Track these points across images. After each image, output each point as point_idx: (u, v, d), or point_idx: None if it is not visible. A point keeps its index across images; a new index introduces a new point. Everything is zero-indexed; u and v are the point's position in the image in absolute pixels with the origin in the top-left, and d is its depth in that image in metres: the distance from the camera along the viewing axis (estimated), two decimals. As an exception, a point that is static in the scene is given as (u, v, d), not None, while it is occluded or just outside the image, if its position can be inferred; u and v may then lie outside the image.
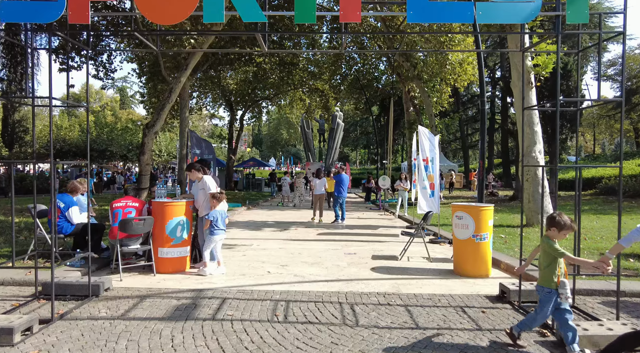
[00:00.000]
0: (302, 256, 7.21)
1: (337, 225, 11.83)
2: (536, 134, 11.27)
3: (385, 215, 15.32)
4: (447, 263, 6.77)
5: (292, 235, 9.71)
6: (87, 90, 4.94)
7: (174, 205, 5.80)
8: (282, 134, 78.20)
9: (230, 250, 7.71)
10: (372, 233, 10.21)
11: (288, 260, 6.82)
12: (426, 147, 8.72)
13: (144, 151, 15.44)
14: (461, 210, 5.88)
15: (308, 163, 36.08)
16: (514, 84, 11.70)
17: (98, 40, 20.55)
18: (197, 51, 16.79)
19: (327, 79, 28.45)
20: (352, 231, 10.61)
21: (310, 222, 13.03)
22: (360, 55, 26.79)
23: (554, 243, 3.39)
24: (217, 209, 5.80)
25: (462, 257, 5.94)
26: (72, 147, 38.93)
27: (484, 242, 5.75)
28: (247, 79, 29.28)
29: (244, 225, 11.71)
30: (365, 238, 9.35)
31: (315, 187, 13.44)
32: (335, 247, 8.22)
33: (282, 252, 7.53)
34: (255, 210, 16.88)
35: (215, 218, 5.76)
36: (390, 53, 22.10)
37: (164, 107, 16.12)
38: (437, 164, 8.78)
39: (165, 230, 5.73)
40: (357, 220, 13.20)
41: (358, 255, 7.39)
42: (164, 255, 5.76)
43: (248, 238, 9.22)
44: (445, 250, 8.03)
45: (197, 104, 32.36)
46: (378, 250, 7.86)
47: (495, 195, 23.16)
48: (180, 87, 16.68)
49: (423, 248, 7.48)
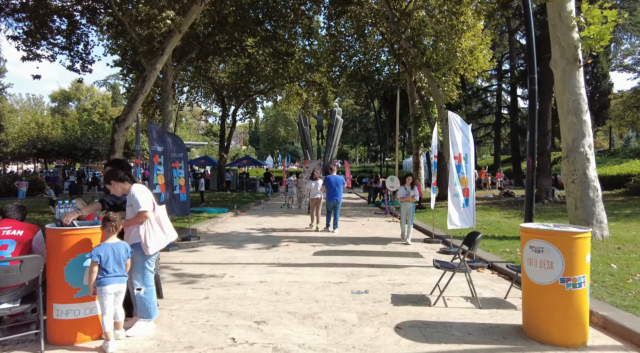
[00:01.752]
0: (291, 299, 4.99)
1: (336, 237, 9.63)
2: (585, 124, 9.04)
3: (394, 220, 13.13)
4: (505, 310, 4.57)
5: (280, 257, 7.49)
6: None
7: (77, 234, 3.59)
8: (279, 131, 75.96)
9: (190, 287, 5.49)
10: (384, 252, 8.00)
11: (269, 309, 4.60)
12: (458, 140, 6.50)
13: (114, 149, 13.18)
14: (540, 237, 3.67)
15: (306, 161, 33.93)
16: (555, 63, 9.44)
17: (73, 27, 18.34)
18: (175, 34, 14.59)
19: (324, 71, 26.25)
20: (357, 248, 8.40)
21: (307, 229, 11.10)
22: (361, 45, 24.56)
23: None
24: (109, 243, 3.59)
25: (540, 312, 3.73)
26: (54, 146, 36.65)
27: (579, 289, 3.55)
28: (240, 72, 27.03)
29: (222, 239, 9.49)
30: (376, 261, 7.14)
31: (311, 190, 11.39)
32: (337, 277, 6.01)
33: (262, 291, 5.31)
34: (243, 215, 14.66)
35: (101, 258, 3.48)
36: (396, 38, 19.84)
37: (137, 98, 13.87)
38: (472, 163, 6.57)
39: (65, 274, 3.52)
40: (361, 230, 10.99)
41: (371, 294, 5.18)
42: (63, 315, 3.54)
43: (221, 263, 6.99)
44: (489, 281, 5.84)
45: (187, 99, 30.16)
46: (397, 284, 5.66)
47: (511, 195, 20.96)
48: (156, 75, 14.43)
49: (459, 278, 5.31)
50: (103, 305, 3.45)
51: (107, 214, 3.58)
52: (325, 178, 11.15)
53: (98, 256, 3.43)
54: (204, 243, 8.95)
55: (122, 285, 3.57)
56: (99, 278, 3.43)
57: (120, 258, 3.55)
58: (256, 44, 22.48)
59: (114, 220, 3.56)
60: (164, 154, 8.08)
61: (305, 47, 25.39)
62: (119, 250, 3.57)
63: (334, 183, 10.80)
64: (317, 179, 11.50)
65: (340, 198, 10.82)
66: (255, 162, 36.87)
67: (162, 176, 8.02)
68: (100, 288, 3.42)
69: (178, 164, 9.13)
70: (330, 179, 10.86)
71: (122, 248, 3.59)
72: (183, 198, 9.18)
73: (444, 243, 8.94)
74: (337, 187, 10.78)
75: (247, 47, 22.39)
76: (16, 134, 36.50)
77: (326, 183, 10.93)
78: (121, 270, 3.54)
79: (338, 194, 10.76)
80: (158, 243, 3.90)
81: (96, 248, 3.48)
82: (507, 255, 7.29)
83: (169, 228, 4.04)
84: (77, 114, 58.03)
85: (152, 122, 8.63)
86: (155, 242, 3.87)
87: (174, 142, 9.08)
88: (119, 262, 3.53)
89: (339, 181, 10.86)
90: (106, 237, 3.57)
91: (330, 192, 10.78)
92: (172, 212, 8.90)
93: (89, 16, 18.05)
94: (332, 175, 10.94)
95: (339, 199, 10.80)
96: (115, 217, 3.57)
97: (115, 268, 3.48)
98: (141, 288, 3.86)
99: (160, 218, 3.99)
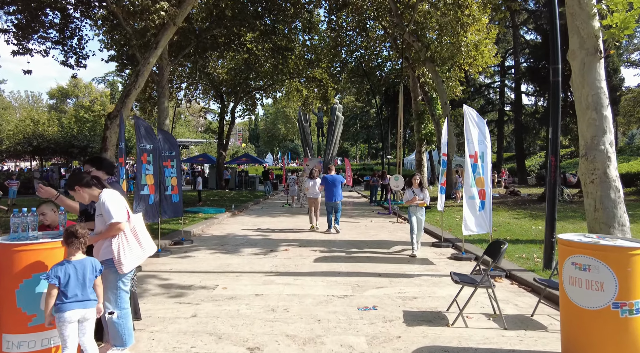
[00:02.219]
0: (289, 318, 4.41)
1: (339, 241, 9.04)
2: (606, 120, 8.36)
3: (399, 221, 12.55)
4: (535, 332, 3.99)
5: (278, 264, 6.90)
6: None
7: (33, 249, 2.99)
8: (279, 128, 75.25)
9: (177, 301, 4.91)
10: (391, 258, 7.41)
11: (264, 331, 4.02)
12: (474, 137, 5.89)
13: (106, 147, 12.56)
14: (587, 252, 3.08)
15: (306, 159, 33.30)
16: (574, 55, 8.79)
17: (67, 21, 17.73)
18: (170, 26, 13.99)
19: (325, 66, 25.60)
20: (361, 253, 7.81)
21: (307, 231, 10.58)
22: (362, 40, 23.90)
23: None
24: (72, 260, 2.96)
25: (586, 342, 3.13)
26: (50, 144, 35.99)
27: (637, 317, 2.96)
28: (238, 67, 26.37)
29: (217, 243, 8.91)
30: (383, 268, 6.56)
31: (309, 189, 10.85)
32: (341, 290, 5.42)
33: (257, 307, 4.72)
34: (241, 216, 14.08)
35: (60, 279, 2.86)
36: (399, 32, 19.20)
37: (129, 93, 13.23)
38: (488, 162, 5.98)
39: (17, 299, 2.93)
40: (364, 232, 10.40)
41: (380, 311, 4.60)
42: (14, 347, 2.95)
43: (213, 271, 6.40)
44: (510, 294, 5.25)
45: (185, 95, 29.52)
46: (409, 298, 5.07)
47: (518, 193, 20.37)
48: (150, 69, 13.81)
49: (478, 290, 4.74)
50: (63, 337, 2.85)
51: (73, 227, 2.97)
52: (322, 178, 10.68)
53: (56, 277, 2.83)
54: (198, 247, 8.37)
55: (89, 311, 2.97)
56: (57, 304, 2.83)
57: (85, 279, 2.95)
58: (255, 38, 21.86)
59: (82, 236, 2.96)
60: (153, 151, 7.48)
61: (305, 42, 24.74)
62: (84, 268, 2.97)
63: (331, 183, 10.30)
64: (316, 178, 10.97)
65: (339, 198, 10.35)
66: (255, 159, 36.29)
67: (151, 176, 7.42)
68: (59, 315, 2.83)
69: (170, 163, 8.55)
70: (327, 179, 10.37)
71: (87, 267, 2.99)
72: (175, 200, 8.59)
73: (454, 247, 8.35)
74: (335, 187, 10.29)
75: (245, 42, 21.75)
76: (11, 131, 35.85)
77: (324, 183, 10.46)
78: (85, 293, 2.94)
79: (336, 194, 10.28)
80: (134, 260, 3.31)
81: (54, 267, 2.88)
82: (523, 261, 6.71)
83: (146, 240, 3.44)
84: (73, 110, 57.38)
85: (139, 117, 8.02)
86: (131, 258, 3.28)
87: (166, 139, 8.49)
88: (83, 284, 2.93)
89: (336, 180, 10.35)
90: (69, 254, 2.97)
91: (329, 192, 10.30)
92: (164, 214, 8.33)
93: (82, 9, 17.44)
94: (330, 175, 10.47)
95: (338, 199, 10.31)
96: (83, 233, 2.97)
97: (77, 292, 2.88)
98: (114, 312, 3.26)
99: (136, 230, 3.39)
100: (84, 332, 2.96)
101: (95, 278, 3.03)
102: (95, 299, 3.02)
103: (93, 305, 2.99)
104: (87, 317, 2.96)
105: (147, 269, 6.47)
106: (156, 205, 7.53)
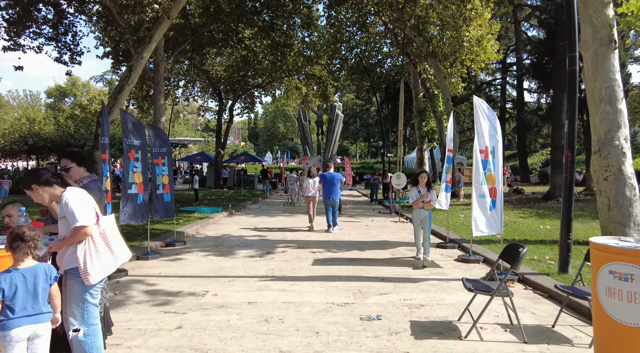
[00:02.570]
0: (285, 330, 3.98)
1: (338, 242, 8.61)
2: (620, 114, 7.96)
3: (401, 221, 12.11)
4: (559, 346, 3.55)
5: (275, 267, 6.47)
6: None
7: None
8: (278, 127, 74.85)
9: (162, 311, 4.48)
10: (394, 260, 6.98)
11: (255, 346, 3.58)
12: (485, 131, 5.45)
13: (97, 145, 12.20)
14: (628, 259, 2.65)
15: (305, 157, 32.86)
16: (586, 45, 8.36)
17: (60, 17, 17.28)
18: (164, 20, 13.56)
19: (324, 63, 25.14)
20: (363, 255, 7.38)
21: (307, 231, 10.21)
22: (362, 36, 23.42)
23: None
24: (19, 269, 2.53)
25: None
26: (47, 143, 35.52)
27: (688, 335, 2.53)
28: (236, 64, 25.89)
29: (211, 244, 8.47)
30: (386, 272, 6.12)
31: (307, 187, 10.48)
32: (341, 296, 4.99)
33: (249, 317, 4.29)
34: (238, 215, 13.64)
35: (4, 291, 2.44)
36: (400, 27, 18.74)
37: (122, 89, 12.83)
38: (499, 158, 5.55)
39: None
40: (365, 232, 9.96)
41: (385, 321, 4.17)
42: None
43: (205, 276, 5.96)
44: (525, 300, 4.82)
45: (183, 93, 29.08)
46: (416, 306, 4.64)
47: (521, 192, 19.96)
48: (143, 64, 13.37)
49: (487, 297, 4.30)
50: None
51: (19, 229, 2.54)
52: (321, 176, 10.40)
53: (0, 289, 2.40)
54: (190, 249, 7.93)
55: (41, 326, 2.54)
56: (2, 321, 2.40)
57: (37, 289, 2.52)
58: (253, 35, 21.41)
59: (31, 239, 2.53)
60: (141, 148, 7.03)
61: (304, 38, 24.30)
62: (35, 277, 2.53)
63: (329, 181, 10.08)
64: (315, 177, 10.62)
65: (337, 196, 10.14)
66: (253, 158, 35.85)
67: (139, 174, 6.98)
68: (4, 333, 2.39)
69: (161, 160, 8.12)
70: (326, 176, 10.15)
71: (39, 274, 2.55)
72: (167, 199, 8.17)
73: (461, 248, 7.93)
74: (333, 185, 10.07)
75: (243, 38, 21.29)
76: (6, 130, 35.38)
77: (322, 181, 10.20)
78: (37, 305, 2.50)
79: (335, 192, 10.08)
80: (104, 268, 2.87)
81: (4, 275, 2.45)
82: (535, 264, 6.28)
83: (118, 247, 3.00)
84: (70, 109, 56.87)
85: (126, 111, 7.57)
86: (99, 266, 2.84)
87: (156, 135, 8.04)
88: (34, 295, 2.49)
89: (335, 178, 10.07)
90: (16, 261, 2.54)
91: (327, 191, 10.08)
92: (155, 215, 7.91)
93: (76, 5, 16.99)
94: (328, 172, 10.28)
95: (336, 198, 10.12)
96: (32, 235, 2.54)
97: (27, 305, 2.45)
98: (79, 329, 2.83)
99: (106, 234, 2.95)
100: (35, 351, 2.53)
101: (50, 286, 2.60)
102: (50, 312, 2.59)
103: (47, 319, 2.57)
104: (39, 333, 2.53)
105: (133, 274, 6.04)
106: (145, 204, 7.09)
